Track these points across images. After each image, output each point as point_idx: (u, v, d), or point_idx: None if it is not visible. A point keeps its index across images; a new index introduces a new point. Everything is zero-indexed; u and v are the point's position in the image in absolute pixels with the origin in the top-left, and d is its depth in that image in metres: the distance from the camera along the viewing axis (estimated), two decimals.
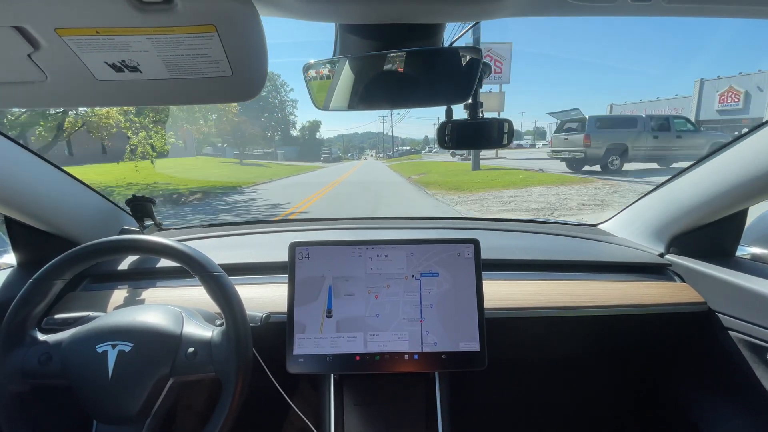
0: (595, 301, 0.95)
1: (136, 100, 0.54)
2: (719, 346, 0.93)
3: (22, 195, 0.87)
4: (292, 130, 67.14)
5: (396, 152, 62.93)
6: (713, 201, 0.92)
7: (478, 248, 0.82)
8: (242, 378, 0.65)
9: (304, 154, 60.58)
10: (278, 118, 56.81)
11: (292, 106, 60.16)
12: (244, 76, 0.49)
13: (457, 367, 0.78)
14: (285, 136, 62.80)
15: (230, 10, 0.40)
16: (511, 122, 0.74)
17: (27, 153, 0.88)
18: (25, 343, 0.66)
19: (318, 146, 69.51)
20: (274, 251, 1.06)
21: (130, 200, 1.07)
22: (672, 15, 0.52)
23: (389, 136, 77.81)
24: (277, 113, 56.07)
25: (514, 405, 1.30)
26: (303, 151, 63.04)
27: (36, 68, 0.46)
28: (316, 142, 71.02)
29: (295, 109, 62.16)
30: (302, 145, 66.01)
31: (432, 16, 0.55)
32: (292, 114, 61.65)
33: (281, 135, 60.74)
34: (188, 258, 0.69)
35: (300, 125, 72.85)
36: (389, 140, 77.12)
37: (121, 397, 0.64)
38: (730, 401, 0.95)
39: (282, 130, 59.95)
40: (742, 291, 0.86)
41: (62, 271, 0.69)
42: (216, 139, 46.20)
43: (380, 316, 0.79)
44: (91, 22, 0.40)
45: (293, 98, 61.51)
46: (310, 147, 65.66)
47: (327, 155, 56.38)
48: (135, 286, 0.98)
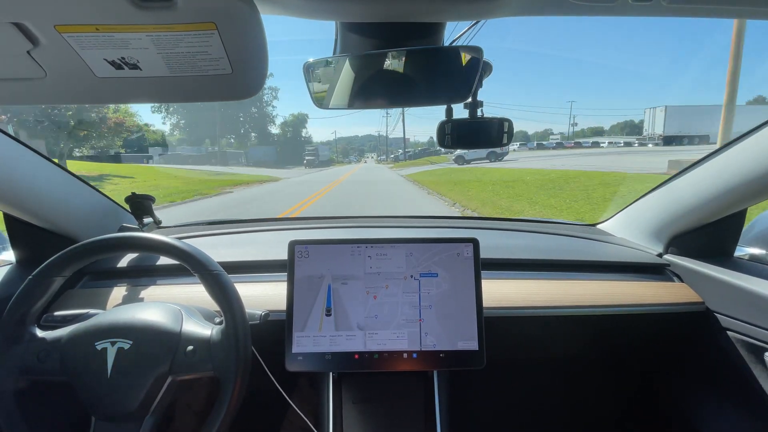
0: (593, 300, 0.95)
1: (136, 98, 0.54)
2: (717, 346, 0.94)
3: (21, 192, 0.87)
4: (271, 126, 54.89)
5: (406, 154, 47.53)
6: (712, 201, 0.92)
7: (477, 247, 0.82)
8: (241, 376, 0.65)
9: (284, 156, 49.66)
10: (253, 113, 47.16)
11: (272, 95, 49.21)
12: (244, 74, 0.49)
13: (455, 366, 0.78)
14: (262, 134, 52.53)
15: (230, 8, 0.40)
16: (511, 121, 0.74)
17: (26, 150, 0.87)
18: (24, 340, 0.66)
19: (303, 146, 54.97)
20: (274, 249, 1.06)
21: (129, 198, 1.07)
22: (672, 15, 0.53)
23: (389, 137, 68.92)
24: (253, 107, 46.37)
25: (512, 404, 1.30)
26: (284, 152, 51.76)
27: (35, 65, 0.45)
28: (300, 142, 58.24)
29: (275, 99, 50.74)
30: (283, 145, 54.18)
31: (432, 15, 0.55)
32: (270, 105, 50.45)
33: (258, 133, 49.77)
34: (188, 256, 0.69)
35: (282, 120, 59.64)
36: (391, 142, 68.42)
37: (119, 394, 0.64)
38: (727, 401, 0.95)
39: (257, 127, 48.59)
40: (741, 291, 0.87)
41: (62, 268, 0.69)
42: (173, 137, 40.92)
43: (379, 317, 0.80)
44: (90, 19, 0.40)
45: (273, 85, 50.68)
46: (293, 147, 53.52)
47: (311, 157, 42.10)
48: (134, 283, 0.98)
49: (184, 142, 44.15)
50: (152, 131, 39.89)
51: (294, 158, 47.68)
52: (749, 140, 0.83)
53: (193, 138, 45.66)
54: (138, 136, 33.15)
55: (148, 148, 35.04)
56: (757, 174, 0.81)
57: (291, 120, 59.51)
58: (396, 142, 63.17)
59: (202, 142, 45.61)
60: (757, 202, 0.89)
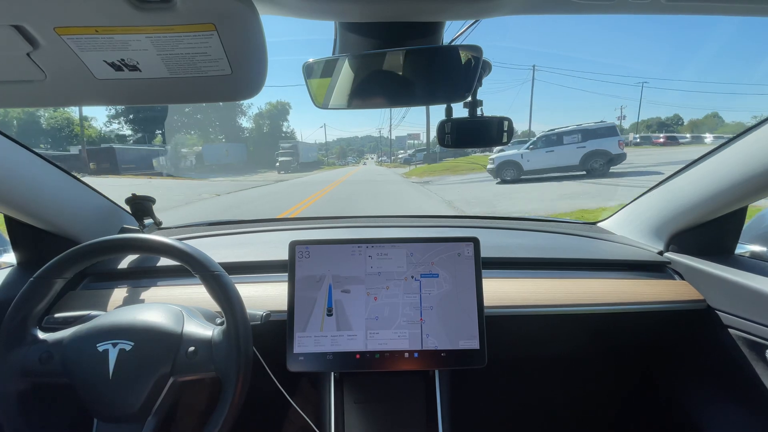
0: (594, 299, 0.95)
1: (136, 99, 0.54)
2: (718, 344, 0.94)
3: (22, 194, 0.87)
4: (241, 118, 41.79)
5: (413, 156, 33.83)
6: (713, 199, 0.92)
7: (477, 246, 0.82)
8: (243, 377, 0.65)
9: (258, 157, 37.11)
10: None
11: None
12: (243, 75, 0.49)
13: (456, 365, 0.78)
14: (228, 128, 40.15)
15: (230, 9, 0.40)
16: (511, 120, 0.74)
17: (26, 152, 0.87)
18: (25, 342, 0.66)
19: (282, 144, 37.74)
20: (275, 250, 1.06)
21: (129, 199, 1.07)
22: (671, 13, 0.52)
23: (389, 137, 60.44)
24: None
25: (513, 402, 1.30)
26: (258, 151, 38.69)
27: (35, 67, 0.45)
28: (281, 138, 42.18)
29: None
30: (257, 142, 40.96)
31: (432, 14, 0.55)
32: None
33: (224, 126, 36.80)
34: (189, 257, 0.69)
35: (257, 110, 44.63)
36: (389, 143, 58.21)
37: (121, 395, 0.64)
38: (729, 398, 0.95)
39: (223, 119, 36.12)
40: (742, 289, 0.86)
41: (63, 270, 0.69)
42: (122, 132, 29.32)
43: (379, 319, 0.80)
44: (90, 20, 0.40)
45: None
46: (271, 144, 38.93)
47: (287, 158, 30.97)
48: (135, 285, 0.98)
49: (124, 140, 34.17)
50: (93, 127, 32.73)
51: (271, 159, 35.54)
52: (750, 137, 0.83)
53: (140, 133, 34.79)
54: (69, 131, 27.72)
55: (70, 147, 28.02)
56: (757, 171, 0.81)
57: (268, 110, 44.35)
58: (398, 141, 55.86)
59: (153, 138, 35.13)
60: (757, 199, 0.89)
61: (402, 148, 54.18)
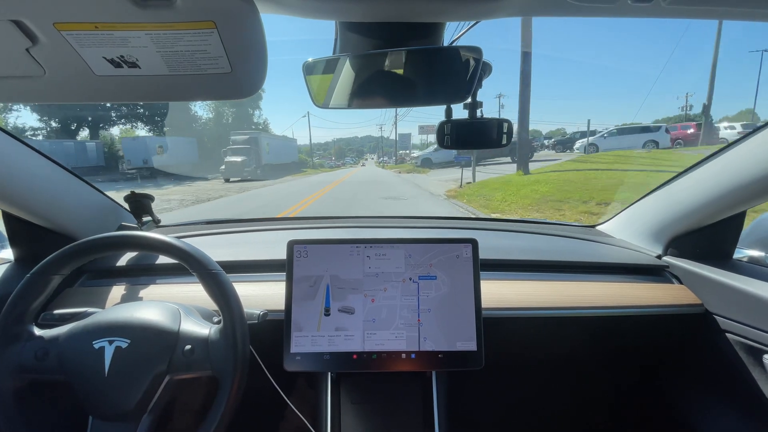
0: (592, 302, 0.95)
1: (135, 96, 0.54)
2: (716, 348, 0.94)
3: (20, 190, 0.87)
4: (194, 105, 31.50)
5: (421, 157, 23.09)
6: (711, 203, 0.92)
7: (476, 248, 0.82)
8: (239, 376, 0.65)
9: (217, 155, 23.24)
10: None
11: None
12: (243, 73, 0.49)
13: (454, 366, 0.78)
14: (178, 119, 30.81)
15: (230, 7, 0.40)
16: (510, 122, 0.74)
17: (25, 148, 0.87)
18: (22, 338, 0.66)
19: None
20: (273, 249, 1.06)
21: (128, 196, 1.07)
22: (672, 16, 0.53)
23: (389, 137, 57.22)
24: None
25: (510, 405, 1.30)
26: (217, 148, 26.25)
27: (34, 63, 0.45)
28: (238, 128, 30.42)
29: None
30: (214, 137, 31.39)
31: (432, 15, 0.55)
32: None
33: (171, 115, 28.53)
34: (186, 255, 0.69)
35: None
36: (390, 142, 55.63)
37: (117, 393, 0.64)
38: (726, 403, 0.95)
39: (170, 108, 26.76)
40: (740, 293, 0.87)
41: (60, 266, 0.69)
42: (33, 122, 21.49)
43: (377, 321, 0.79)
44: (90, 16, 0.40)
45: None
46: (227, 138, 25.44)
47: (238, 158, 19.44)
48: (133, 282, 0.98)
49: (39, 133, 25.61)
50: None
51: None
52: (748, 142, 0.83)
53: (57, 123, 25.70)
54: None
55: None
56: (756, 176, 0.81)
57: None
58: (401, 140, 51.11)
59: (76, 133, 26.41)
60: (756, 204, 0.89)
61: (405, 148, 47.68)
